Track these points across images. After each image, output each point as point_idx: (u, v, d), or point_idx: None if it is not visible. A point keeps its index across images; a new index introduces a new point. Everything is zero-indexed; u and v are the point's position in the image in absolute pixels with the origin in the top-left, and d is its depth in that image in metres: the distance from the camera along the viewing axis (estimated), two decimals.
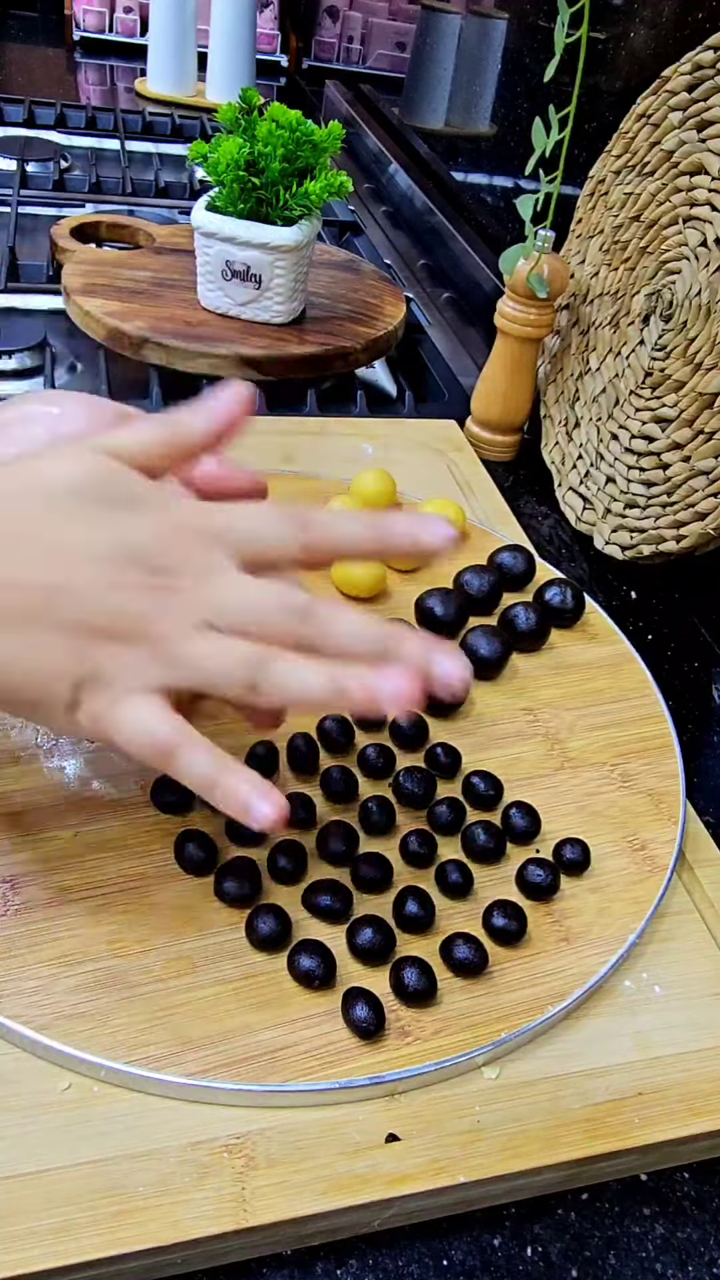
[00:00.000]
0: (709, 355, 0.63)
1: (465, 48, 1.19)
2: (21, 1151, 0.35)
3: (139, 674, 0.35)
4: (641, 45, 0.76)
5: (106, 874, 0.44)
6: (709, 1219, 0.40)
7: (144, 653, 0.35)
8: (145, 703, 0.36)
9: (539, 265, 0.72)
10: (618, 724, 0.56)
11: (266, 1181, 0.36)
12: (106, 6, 1.74)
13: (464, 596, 0.61)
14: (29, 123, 1.33)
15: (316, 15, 1.81)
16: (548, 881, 0.46)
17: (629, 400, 0.71)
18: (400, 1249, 0.37)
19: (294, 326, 0.85)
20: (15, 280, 0.93)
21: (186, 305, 0.85)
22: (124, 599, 0.35)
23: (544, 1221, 0.39)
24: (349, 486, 0.69)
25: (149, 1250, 0.34)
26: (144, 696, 0.36)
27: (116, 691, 0.36)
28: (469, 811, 0.49)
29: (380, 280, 0.96)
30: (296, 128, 0.76)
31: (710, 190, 0.64)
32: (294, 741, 0.50)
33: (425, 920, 0.44)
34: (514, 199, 0.73)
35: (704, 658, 0.66)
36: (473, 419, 0.82)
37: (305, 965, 0.41)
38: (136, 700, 0.36)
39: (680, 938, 0.47)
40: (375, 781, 0.50)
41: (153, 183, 1.18)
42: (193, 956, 0.42)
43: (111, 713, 0.36)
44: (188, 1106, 0.37)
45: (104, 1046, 0.38)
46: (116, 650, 0.35)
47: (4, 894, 0.42)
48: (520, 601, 0.60)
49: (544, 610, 0.60)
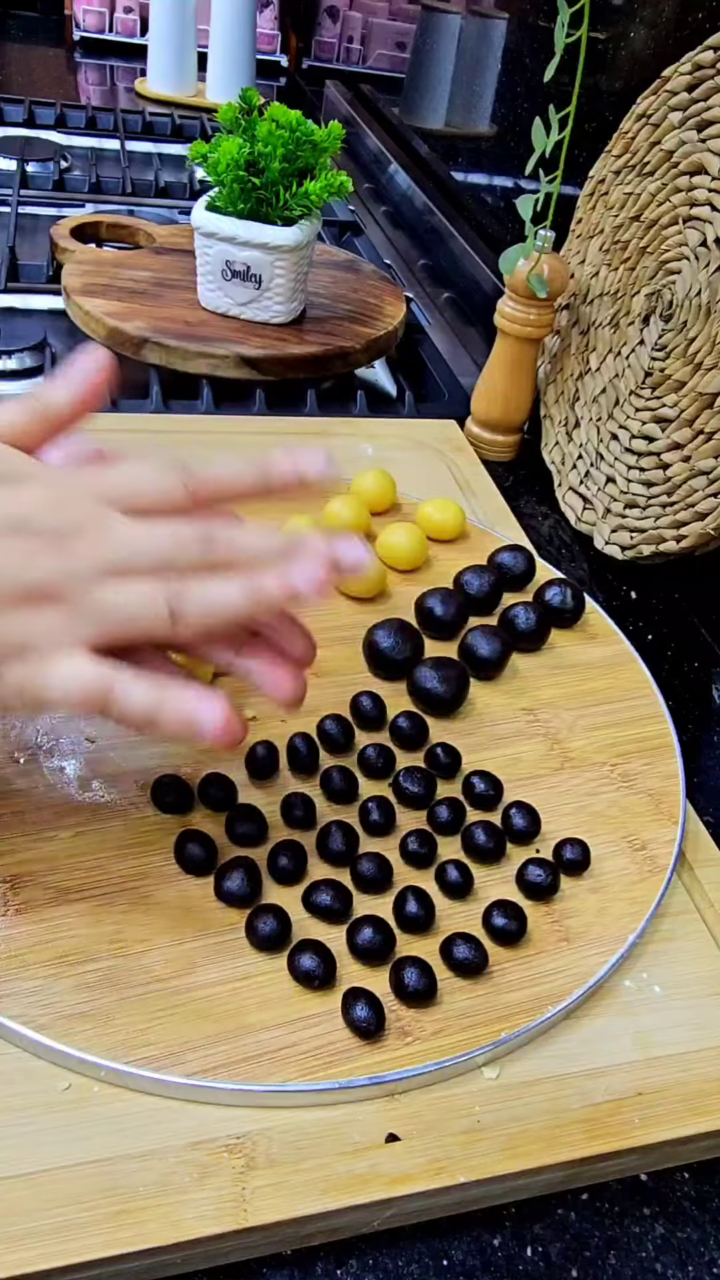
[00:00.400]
0: (709, 355, 0.63)
1: (465, 48, 1.19)
2: (21, 1151, 0.35)
3: (56, 635, 0.36)
4: (641, 45, 0.76)
5: (106, 874, 0.44)
6: (709, 1219, 0.40)
7: (56, 614, 0.36)
8: (68, 658, 0.36)
9: (539, 265, 0.72)
10: (618, 724, 0.56)
11: (266, 1181, 0.36)
12: (106, 6, 1.74)
13: (464, 596, 0.61)
14: (29, 123, 1.33)
15: (316, 15, 1.81)
16: (548, 881, 0.46)
17: (629, 400, 0.71)
18: (400, 1249, 0.37)
19: (294, 326, 0.85)
20: (15, 280, 0.93)
21: (186, 305, 0.85)
22: (23, 567, 0.36)
23: (544, 1221, 0.39)
24: (349, 486, 0.69)
25: (149, 1250, 0.34)
26: (66, 653, 0.36)
27: (38, 656, 0.36)
28: (469, 811, 0.49)
29: (380, 280, 0.96)
30: (296, 128, 0.76)
31: (710, 190, 0.64)
32: (294, 741, 0.50)
33: (425, 920, 0.44)
34: (514, 199, 0.73)
35: (704, 658, 0.66)
36: (473, 419, 0.82)
37: (305, 965, 0.41)
38: (59, 658, 0.36)
39: (680, 938, 0.47)
40: (375, 781, 0.50)
41: (153, 183, 1.18)
42: (193, 956, 0.42)
43: (37, 678, 0.36)
44: (188, 1106, 0.37)
45: (104, 1046, 0.38)
46: (28, 618, 0.36)
47: (4, 894, 0.42)
48: (520, 601, 0.60)
49: (544, 610, 0.60)
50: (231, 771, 0.49)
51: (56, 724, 0.50)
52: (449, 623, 0.59)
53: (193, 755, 0.50)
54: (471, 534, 0.69)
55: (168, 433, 0.73)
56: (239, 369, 0.79)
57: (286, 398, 0.82)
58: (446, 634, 0.59)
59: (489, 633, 0.57)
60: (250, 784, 0.49)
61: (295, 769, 0.50)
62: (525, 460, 0.83)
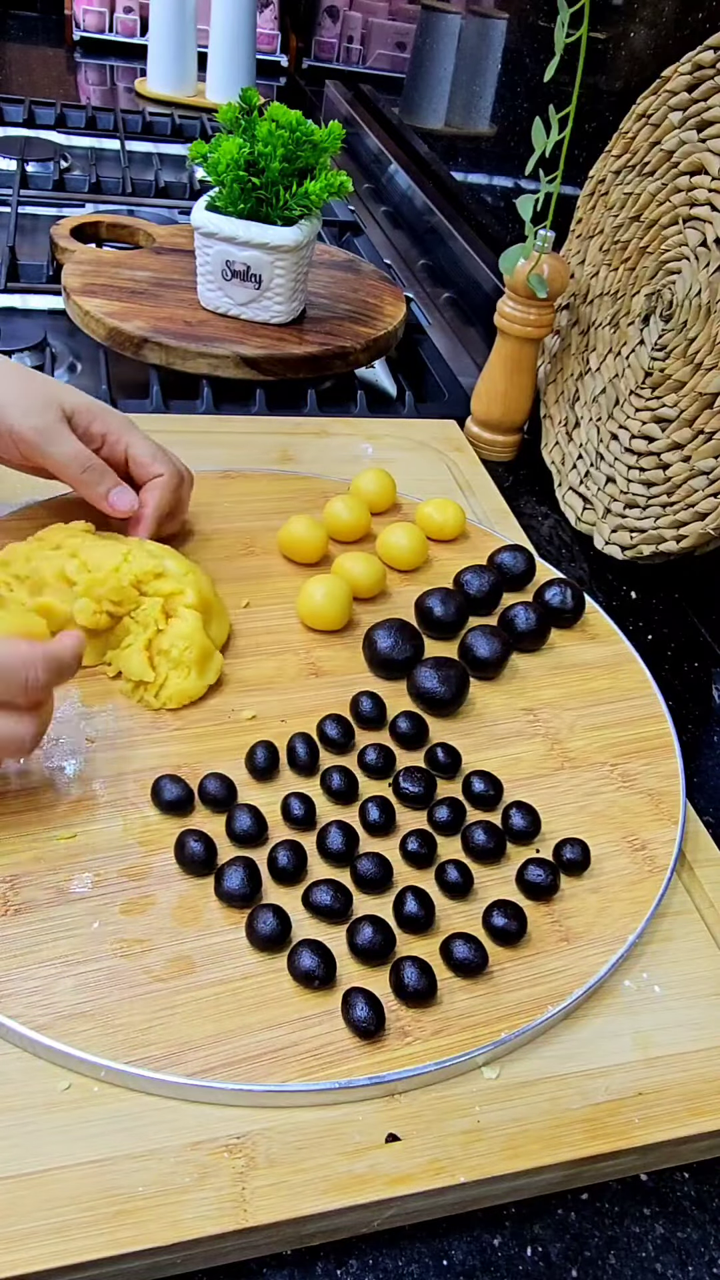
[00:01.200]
0: (709, 355, 0.63)
1: (465, 48, 1.19)
2: (21, 1151, 0.35)
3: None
4: (641, 45, 0.76)
5: (106, 874, 0.44)
6: (709, 1219, 0.40)
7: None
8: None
9: (539, 265, 0.72)
10: (618, 724, 0.56)
11: (266, 1181, 0.36)
12: (106, 6, 1.74)
13: (464, 596, 0.61)
14: (29, 123, 1.33)
15: (316, 15, 1.81)
16: (548, 881, 0.46)
17: (629, 400, 0.71)
18: (400, 1249, 0.37)
19: (294, 326, 0.85)
20: (15, 280, 0.93)
21: (186, 305, 0.85)
22: None
23: (544, 1221, 0.39)
24: (349, 486, 0.69)
25: (149, 1250, 0.34)
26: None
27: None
28: (469, 811, 0.49)
29: (380, 280, 0.96)
30: (296, 128, 0.76)
31: (710, 190, 0.64)
32: (294, 742, 0.50)
33: (425, 920, 0.44)
34: (514, 199, 0.73)
35: (704, 658, 0.66)
36: (473, 419, 0.82)
37: (305, 965, 0.41)
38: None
39: (680, 938, 0.47)
40: (375, 781, 0.50)
41: (153, 183, 1.18)
42: (193, 956, 0.42)
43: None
44: (188, 1106, 0.37)
45: (104, 1046, 0.38)
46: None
47: (4, 894, 0.42)
48: (520, 601, 0.60)
49: (544, 610, 0.60)
50: (231, 771, 0.49)
51: (56, 724, 0.50)
52: (449, 623, 0.59)
53: (193, 755, 0.50)
54: (472, 534, 0.69)
55: (168, 433, 0.73)
56: (239, 369, 0.80)
57: (286, 398, 0.82)
58: (446, 634, 0.59)
59: (489, 633, 0.57)
60: (250, 784, 0.49)
61: (295, 769, 0.50)
62: (525, 460, 0.83)
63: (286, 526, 0.62)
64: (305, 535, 0.62)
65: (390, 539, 0.64)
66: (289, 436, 0.76)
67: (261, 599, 0.60)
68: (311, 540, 0.62)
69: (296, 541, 0.62)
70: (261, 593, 0.60)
